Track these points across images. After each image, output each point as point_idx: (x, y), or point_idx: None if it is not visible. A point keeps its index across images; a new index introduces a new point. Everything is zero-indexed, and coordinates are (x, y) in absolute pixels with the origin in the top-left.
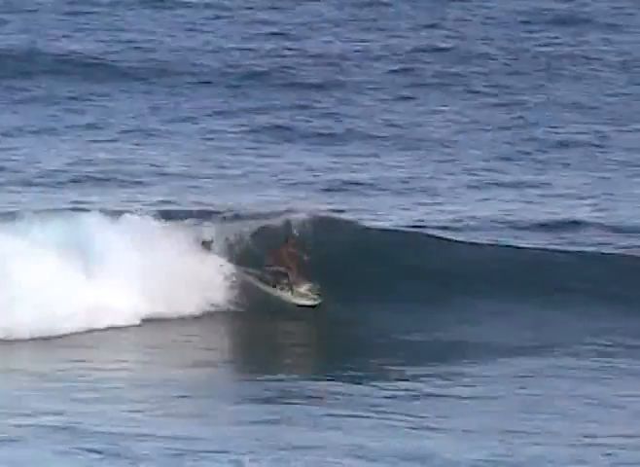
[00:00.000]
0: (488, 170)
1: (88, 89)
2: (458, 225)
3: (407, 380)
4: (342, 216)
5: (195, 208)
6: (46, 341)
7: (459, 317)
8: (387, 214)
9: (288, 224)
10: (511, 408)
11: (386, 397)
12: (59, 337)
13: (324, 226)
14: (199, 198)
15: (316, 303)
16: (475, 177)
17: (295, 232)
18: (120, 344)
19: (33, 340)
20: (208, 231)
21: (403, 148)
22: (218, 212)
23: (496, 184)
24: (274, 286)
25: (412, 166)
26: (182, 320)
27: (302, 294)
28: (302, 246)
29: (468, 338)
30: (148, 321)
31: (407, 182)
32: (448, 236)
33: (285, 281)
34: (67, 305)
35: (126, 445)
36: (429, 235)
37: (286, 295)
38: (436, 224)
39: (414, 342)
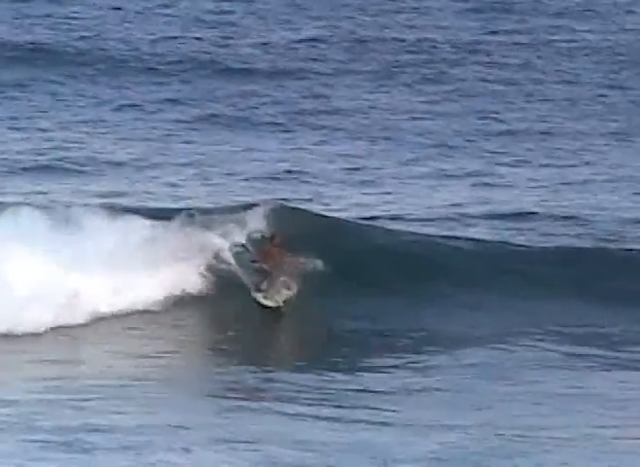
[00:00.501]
0: (436, 160)
1: (32, 75)
2: (410, 215)
3: (373, 372)
4: (307, 206)
5: (145, 199)
6: None
7: (424, 308)
8: (335, 204)
9: (253, 215)
10: (468, 400)
11: (346, 389)
12: None
13: (289, 217)
14: (147, 189)
15: (277, 306)
16: (422, 167)
17: (264, 225)
18: (70, 338)
19: None
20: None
21: (350, 136)
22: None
23: (445, 174)
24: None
25: (360, 155)
26: (133, 313)
27: (272, 297)
28: (286, 245)
29: (433, 329)
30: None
31: (355, 171)
32: (412, 229)
33: (265, 282)
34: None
35: (77, 436)
36: (389, 228)
37: (257, 294)
38: (385, 214)
39: (382, 333)
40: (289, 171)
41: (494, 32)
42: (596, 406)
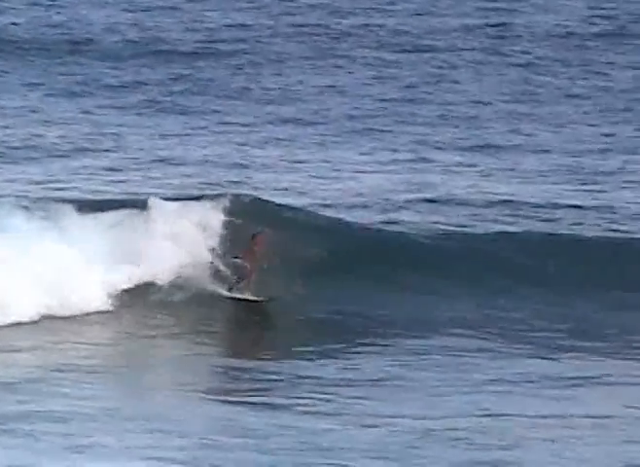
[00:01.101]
0: (371, 146)
1: None
2: (344, 202)
3: (306, 360)
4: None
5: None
6: None
7: (368, 294)
8: (266, 189)
9: (216, 206)
10: (407, 389)
11: (285, 378)
12: None
13: (252, 208)
14: (81, 176)
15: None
16: (352, 151)
17: (226, 215)
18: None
19: None
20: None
21: (281, 123)
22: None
23: (376, 161)
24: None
25: (290, 140)
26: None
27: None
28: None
29: (375, 315)
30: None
31: (286, 156)
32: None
33: (243, 281)
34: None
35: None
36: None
37: (232, 290)
38: (320, 202)
39: (349, 323)
40: (221, 156)
41: (419, 14)
42: (535, 392)
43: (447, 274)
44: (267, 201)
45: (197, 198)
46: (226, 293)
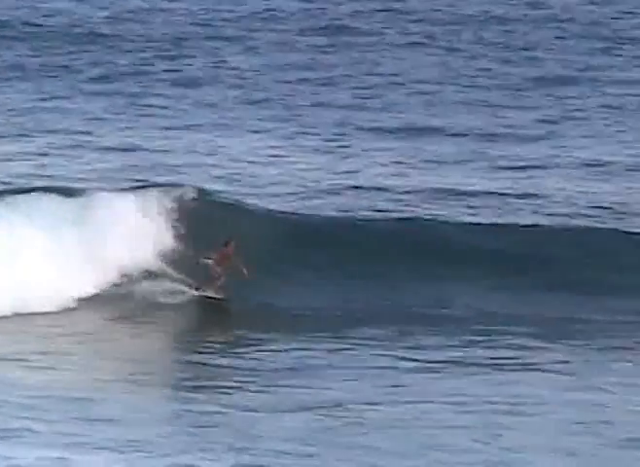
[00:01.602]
0: (291, 131)
1: None
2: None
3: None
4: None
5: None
6: None
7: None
8: (186, 176)
9: (166, 198)
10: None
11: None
12: None
13: (202, 201)
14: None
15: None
16: (277, 140)
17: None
18: None
19: None
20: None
21: (202, 108)
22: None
23: (297, 146)
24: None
25: (208, 128)
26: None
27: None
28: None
29: (302, 307)
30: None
31: (206, 144)
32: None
33: (210, 282)
34: None
35: None
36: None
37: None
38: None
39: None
40: (143, 140)
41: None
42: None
43: (372, 259)
44: (212, 193)
45: (143, 188)
46: (192, 291)
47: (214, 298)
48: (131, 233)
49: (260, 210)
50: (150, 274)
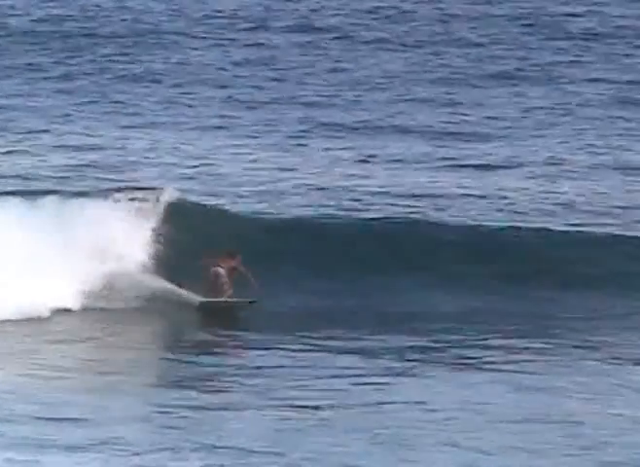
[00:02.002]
0: (251, 130)
1: None
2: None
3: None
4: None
5: None
6: None
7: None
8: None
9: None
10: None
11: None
12: None
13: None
14: None
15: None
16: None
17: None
18: None
19: None
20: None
21: (162, 106)
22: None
23: (258, 145)
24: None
25: (175, 126)
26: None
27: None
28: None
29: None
30: None
31: (165, 143)
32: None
33: (222, 292)
34: None
35: None
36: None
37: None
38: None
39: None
40: (98, 145)
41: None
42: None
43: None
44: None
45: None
46: (200, 298)
47: (229, 301)
48: (111, 237)
49: (234, 211)
50: (128, 277)
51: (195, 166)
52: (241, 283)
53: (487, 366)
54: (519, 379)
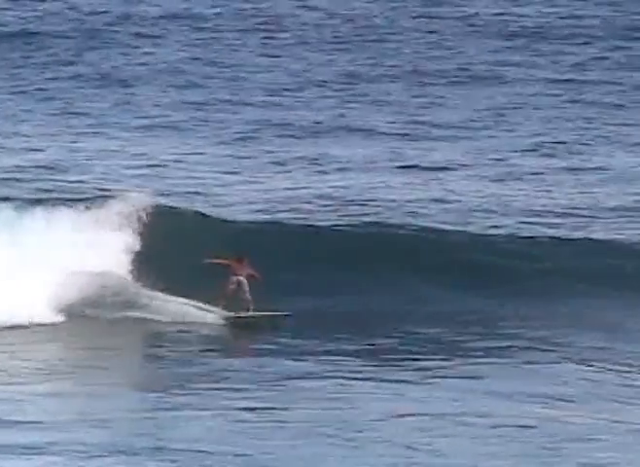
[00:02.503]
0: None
1: None
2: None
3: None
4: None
5: None
6: None
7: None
8: None
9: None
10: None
11: None
12: None
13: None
14: None
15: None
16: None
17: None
18: None
19: None
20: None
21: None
22: None
23: (210, 146)
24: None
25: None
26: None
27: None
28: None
29: None
30: None
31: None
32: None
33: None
34: None
35: None
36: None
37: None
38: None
39: None
40: (53, 147)
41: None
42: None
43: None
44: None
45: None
46: (229, 314)
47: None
48: (89, 245)
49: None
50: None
51: (144, 167)
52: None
53: (443, 370)
54: (476, 385)
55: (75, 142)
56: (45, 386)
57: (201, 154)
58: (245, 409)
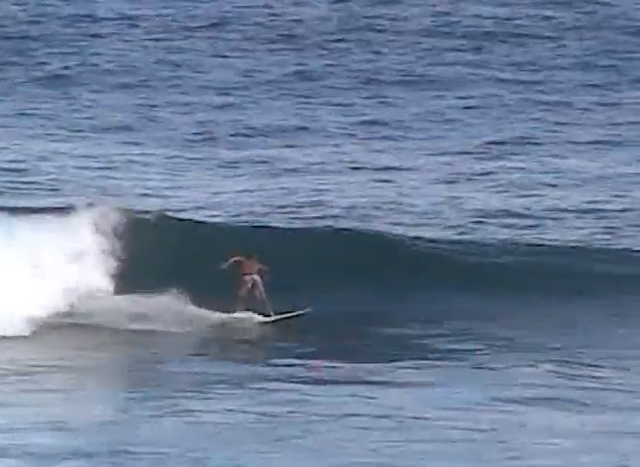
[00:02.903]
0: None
1: None
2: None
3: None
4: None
5: None
6: None
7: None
8: None
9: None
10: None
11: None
12: None
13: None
14: None
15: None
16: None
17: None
18: None
19: None
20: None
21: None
22: None
23: (154, 149)
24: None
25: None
26: None
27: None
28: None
29: None
30: None
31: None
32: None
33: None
34: None
35: None
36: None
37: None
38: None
39: None
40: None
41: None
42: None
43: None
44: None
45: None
46: (261, 318)
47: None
48: (74, 254)
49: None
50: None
51: (93, 169)
52: None
53: (406, 378)
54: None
55: (22, 144)
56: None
57: (150, 155)
58: (205, 411)
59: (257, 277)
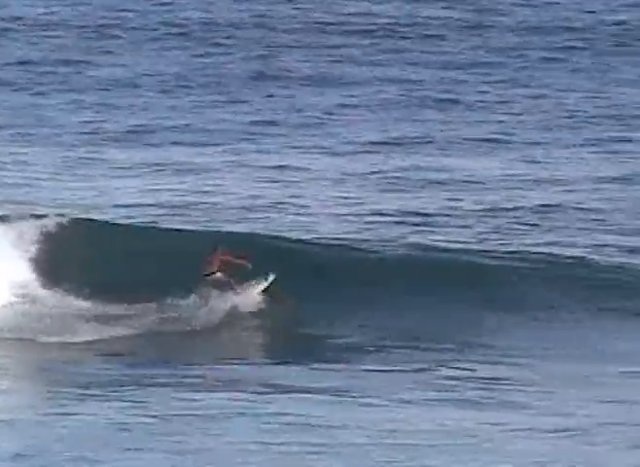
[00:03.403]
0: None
1: None
2: None
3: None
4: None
5: None
6: None
7: None
8: None
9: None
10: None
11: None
12: None
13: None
14: None
15: (268, 283)
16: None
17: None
18: None
19: None
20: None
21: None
22: None
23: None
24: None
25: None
26: None
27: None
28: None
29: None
30: None
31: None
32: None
33: (231, 288)
34: None
35: None
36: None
37: (241, 298)
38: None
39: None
40: None
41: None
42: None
43: None
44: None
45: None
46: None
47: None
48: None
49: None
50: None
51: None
52: None
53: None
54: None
55: None
56: None
57: (39, 156)
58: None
59: (217, 275)
